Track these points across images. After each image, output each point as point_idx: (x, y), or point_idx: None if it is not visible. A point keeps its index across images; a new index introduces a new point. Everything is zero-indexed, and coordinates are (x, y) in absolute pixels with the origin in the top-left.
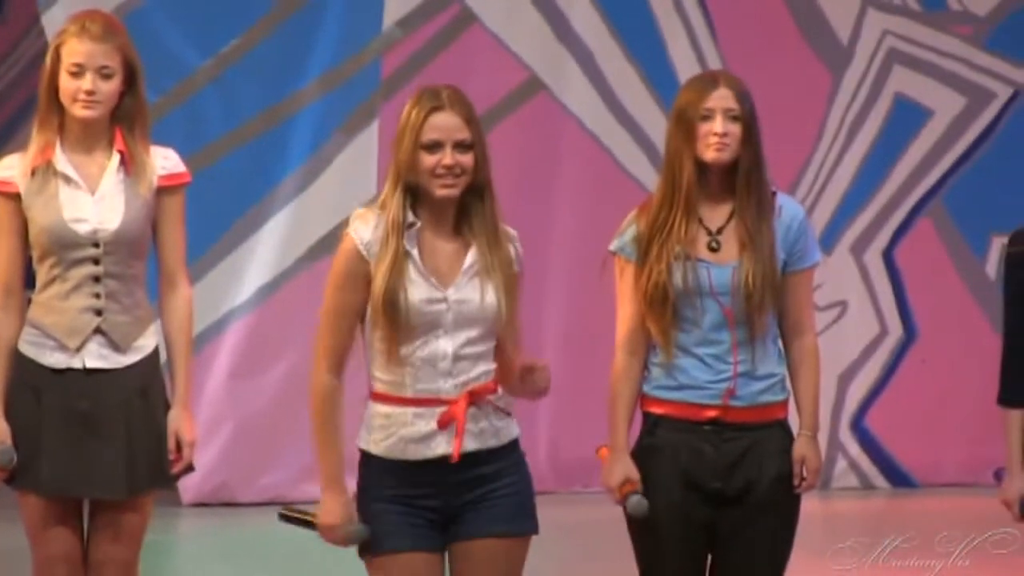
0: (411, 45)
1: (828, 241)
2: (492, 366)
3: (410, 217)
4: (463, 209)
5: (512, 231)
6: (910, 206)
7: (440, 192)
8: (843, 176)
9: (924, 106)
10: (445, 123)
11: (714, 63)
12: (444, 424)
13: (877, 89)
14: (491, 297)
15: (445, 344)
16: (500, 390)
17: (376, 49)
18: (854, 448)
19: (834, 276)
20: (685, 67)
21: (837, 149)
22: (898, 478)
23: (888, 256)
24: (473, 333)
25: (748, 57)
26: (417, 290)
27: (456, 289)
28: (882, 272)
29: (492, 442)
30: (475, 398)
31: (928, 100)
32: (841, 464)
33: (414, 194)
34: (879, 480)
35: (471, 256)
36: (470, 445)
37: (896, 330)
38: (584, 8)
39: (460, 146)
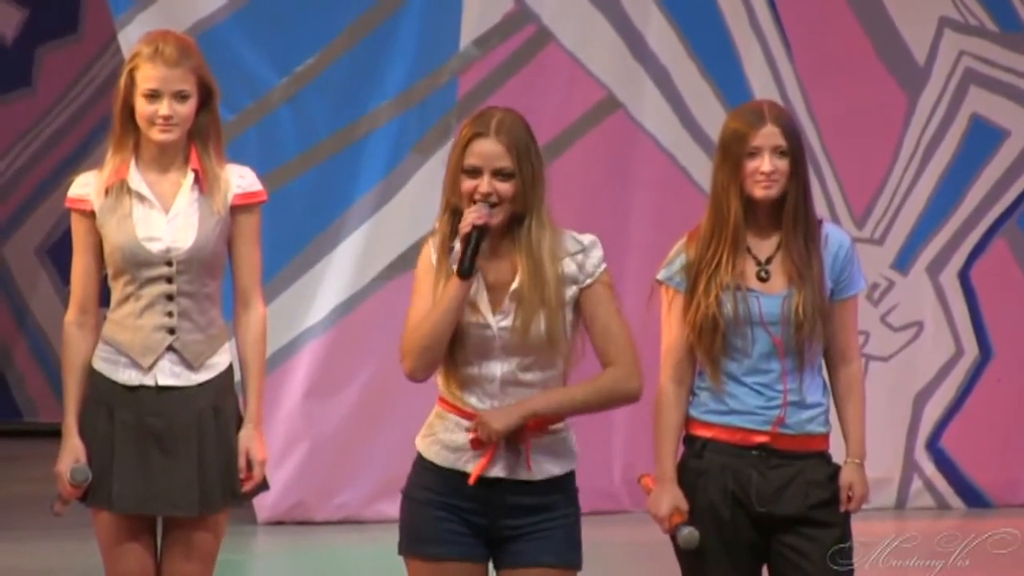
0: (487, 64)
1: (903, 262)
2: None
3: (453, 243)
4: (511, 236)
5: (586, 238)
6: (986, 227)
7: None
8: (919, 197)
9: (1000, 127)
10: (486, 150)
11: (790, 82)
12: (476, 445)
13: (953, 110)
14: (537, 327)
15: (495, 368)
16: (553, 427)
17: (452, 68)
18: (929, 468)
19: (910, 297)
20: (761, 86)
21: (913, 170)
22: (973, 498)
23: (964, 277)
24: (525, 359)
25: (824, 77)
26: (465, 315)
27: (503, 316)
28: (958, 292)
29: (524, 474)
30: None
31: (1005, 121)
32: (916, 484)
33: (460, 215)
34: (954, 500)
35: (515, 284)
36: (498, 472)
37: (972, 350)
38: (660, 27)
39: (499, 174)
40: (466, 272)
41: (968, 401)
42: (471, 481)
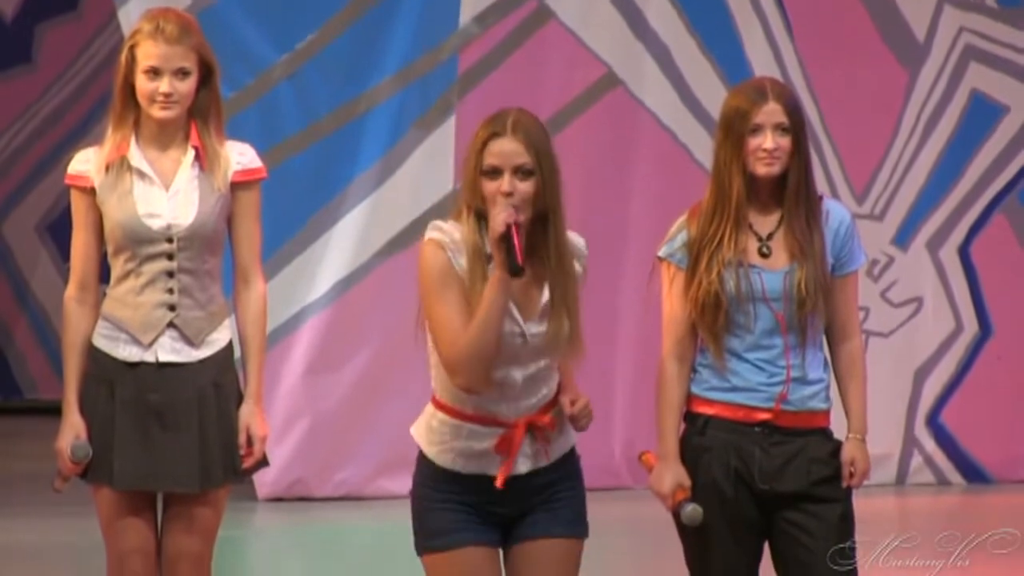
0: (488, 41)
1: (903, 238)
2: (554, 384)
3: (487, 248)
4: (531, 236)
5: (580, 241)
6: (986, 202)
7: None
8: (919, 173)
9: (1000, 102)
10: (505, 149)
11: (790, 59)
12: (500, 450)
13: (953, 86)
14: (564, 329)
15: (517, 373)
16: (554, 409)
17: (453, 45)
18: (929, 444)
19: (909, 273)
20: (761, 63)
21: (913, 146)
22: (973, 474)
23: (964, 252)
24: (543, 362)
25: (824, 54)
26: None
27: (535, 322)
28: (958, 268)
29: (543, 462)
30: (532, 427)
31: (1004, 96)
32: (916, 460)
33: (485, 219)
34: (954, 476)
35: (547, 291)
36: (522, 469)
37: (971, 327)
38: (660, 3)
39: (519, 171)
40: (516, 269)
41: (968, 377)
42: (499, 484)
